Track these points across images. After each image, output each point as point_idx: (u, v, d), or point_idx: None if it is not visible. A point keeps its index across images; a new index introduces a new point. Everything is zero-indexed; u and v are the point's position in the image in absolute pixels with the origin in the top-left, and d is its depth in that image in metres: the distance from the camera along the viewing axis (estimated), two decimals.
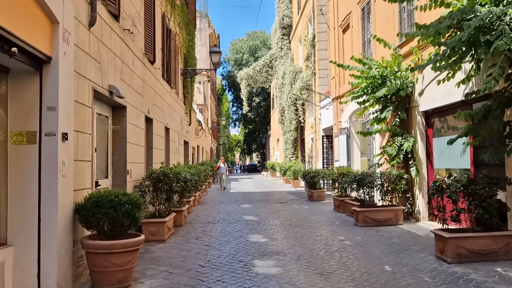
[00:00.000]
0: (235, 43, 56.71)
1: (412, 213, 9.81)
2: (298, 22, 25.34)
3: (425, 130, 9.54)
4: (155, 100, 10.17)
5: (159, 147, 10.70)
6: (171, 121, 12.71)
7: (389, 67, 9.79)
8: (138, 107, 8.43)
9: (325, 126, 19.04)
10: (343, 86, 15.72)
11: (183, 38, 15.30)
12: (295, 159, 25.92)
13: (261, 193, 19.67)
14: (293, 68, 24.89)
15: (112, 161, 7.34)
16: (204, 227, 9.55)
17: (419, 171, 9.46)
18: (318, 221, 10.15)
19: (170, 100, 12.57)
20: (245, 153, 72.58)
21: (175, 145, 13.71)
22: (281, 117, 28.30)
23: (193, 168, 13.86)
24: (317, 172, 15.07)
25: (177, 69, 14.02)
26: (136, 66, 8.28)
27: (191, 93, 17.67)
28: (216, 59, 15.27)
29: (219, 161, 26.56)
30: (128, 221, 4.88)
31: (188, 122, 17.63)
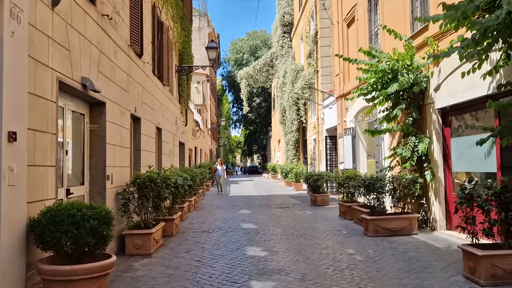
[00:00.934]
0: (235, 43, 55.83)
1: (427, 221, 8.88)
2: (300, 19, 24.45)
3: (442, 130, 8.61)
4: (143, 97, 9.26)
5: (149, 149, 9.79)
6: (163, 120, 11.81)
7: (401, 60, 8.87)
8: (122, 104, 7.52)
9: (328, 126, 18.12)
10: (348, 83, 14.81)
11: (178, 33, 14.41)
12: (296, 161, 25.00)
13: (262, 197, 18.75)
14: (294, 67, 23.99)
15: (90, 165, 6.43)
16: (197, 237, 8.63)
17: (435, 174, 8.53)
18: (324, 230, 9.22)
19: (162, 98, 11.67)
20: (245, 155, 71.58)
21: (169, 147, 12.81)
22: (282, 118, 27.38)
23: (188, 171, 12.99)
24: (321, 175, 14.14)
25: (170, 65, 13.12)
26: (119, 58, 7.38)
27: (187, 92, 16.77)
28: (213, 55, 14.37)
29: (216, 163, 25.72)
30: (93, 240, 3.97)
31: (184, 122, 16.73)
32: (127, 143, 7.85)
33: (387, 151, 11.19)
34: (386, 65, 8.85)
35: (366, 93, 9.35)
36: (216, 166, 20.97)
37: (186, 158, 17.15)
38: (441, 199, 8.50)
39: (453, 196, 8.34)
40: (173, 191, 8.60)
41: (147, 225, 7.24)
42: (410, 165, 8.65)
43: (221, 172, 20.62)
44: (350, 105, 14.66)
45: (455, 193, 8.25)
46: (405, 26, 9.97)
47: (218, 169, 20.61)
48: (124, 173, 7.61)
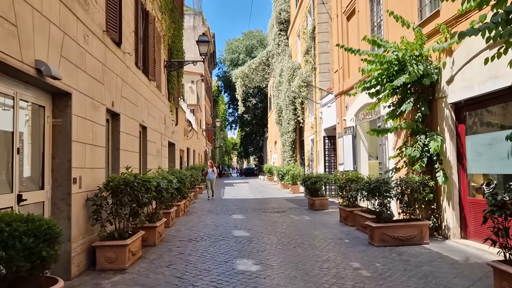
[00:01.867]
0: (231, 43, 54.92)
1: (438, 228, 7.99)
2: (297, 16, 23.59)
3: (455, 127, 7.73)
4: (124, 91, 8.34)
5: (130, 149, 8.85)
6: (149, 118, 10.88)
7: (410, 49, 7.99)
8: (95, 96, 6.60)
9: (327, 126, 17.24)
10: (348, 79, 13.94)
11: (167, 26, 13.50)
12: (293, 163, 24.09)
13: (257, 200, 17.82)
14: (291, 65, 23.11)
15: (52, 166, 5.50)
16: (182, 247, 7.70)
17: (448, 176, 7.64)
18: (323, 238, 8.31)
19: (147, 93, 10.74)
20: (241, 156, 70.58)
21: (156, 147, 11.87)
22: (278, 118, 26.50)
23: (177, 173, 12.08)
24: (319, 178, 13.24)
25: (158, 59, 12.20)
26: (91, 44, 6.45)
27: (177, 89, 15.84)
28: (204, 49, 13.45)
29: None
30: (28, 263, 3.04)
31: (175, 121, 15.80)
32: (101, 141, 6.92)
33: (391, 151, 10.32)
34: (393, 55, 7.97)
35: (370, 87, 8.48)
36: (207, 168, 18.48)
37: (176, 159, 16.21)
38: (455, 204, 7.61)
39: (468, 201, 7.45)
40: (155, 196, 7.67)
41: (122, 235, 6.30)
42: (420, 166, 7.75)
43: (212, 176, 18.31)
44: (350, 102, 13.79)
45: (471, 198, 7.38)
46: (412, 14, 9.10)
47: (209, 172, 18.20)
48: (98, 175, 6.67)
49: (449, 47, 7.61)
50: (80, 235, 5.85)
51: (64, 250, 5.40)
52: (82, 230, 5.96)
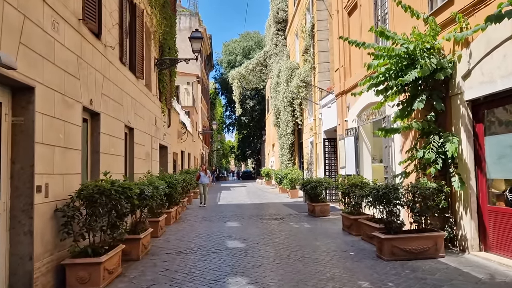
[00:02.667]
0: (228, 45, 54.19)
1: (454, 239, 7.21)
2: (295, 14, 22.87)
3: (472, 126, 6.96)
4: (105, 88, 7.55)
5: (113, 152, 8.05)
6: (136, 119, 10.10)
7: (421, 42, 7.23)
8: (68, 92, 5.81)
9: (327, 127, 16.47)
10: (350, 78, 13.19)
11: (158, 21, 12.72)
12: (292, 166, 23.31)
13: (254, 205, 17.02)
14: (289, 65, 22.36)
15: (11, 172, 4.70)
16: (169, 261, 6.90)
17: (465, 182, 6.86)
18: (326, 250, 7.51)
19: (135, 92, 9.95)
20: (239, 160, 69.71)
21: (145, 150, 11.08)
22: (276, 120, 25.72)
23: (167, 178, 11.31)
24: (320, 182, 12.45)
25: (147, 56, 11.42)
26: (62, 33, 5.66)
27: (170, 89, 15.05)
28: (197, 46, 12.67)
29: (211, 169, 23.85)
30: None
31: (167, 123, 15.00)
32: (76, 143, 6.12)
33: (398, 154, 9.54)
34: (403, 48, 7.21)
35: (378, 83, 7.70)
36: (199, 172, 16.70)
37: (169, 163, 15.41)
38: (473, 212, 6.83)
39: (488, 209, 6.68)
40: (138, 204, 6.88)
41: (97, 250, 5.50)
42: (435, 170, 6.97)
43: (205, 180, 16.55)
44: (352, 102, 13.03)
45: (491, 205, 6.60)
46: (422, 4, 8.34)
47: (202, 176, 16.46)
48: (71, 182, 5.87)
49: (466, 39, 6.85)
50: (46, 252, 5.04)
51: (25, 270, 4.61)
52: (49, 246, 5.15)
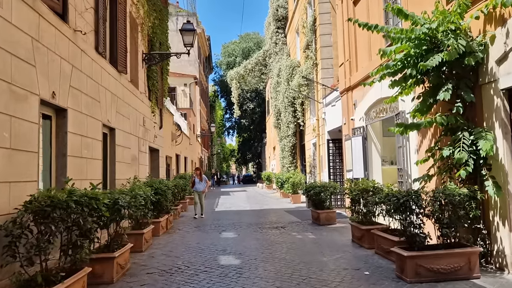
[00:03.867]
0: (227, 46, 53.19)
1: (488, 255, 6.06)
2: (295, 10, 21.80)
3: (510, 120, 5.82)
4: (74, 80, 6.45)
5: (87, 155, 6.94)
6: (119, 118, 8.99)
7: (446, 21, 6.11)
8: (17, 81, 4.71)
9: (331, 127, 15.34)
10: (356, 73, 12.07)
11: (145, 12, 11.64)
12: (293, 169, 22.14)
13: (254, 212, 15.87)
14: (289, 63, 21.27)
15: None
16: (149, 285, 5.76)
17: (501, 186, 5.73)
18: (335, 269, 6.36)
19: (116, 88, 8.85)
20: (240, 163, 68.49)
21: (130, 153, 9.96)
22: (276, 121, 24.59)
23: (156, 184, 10.20)
24: (324, 187, 11.31)
25: (133, 50, 10.35)
26: (7, 7, 4.56)
27: (161, 87, 13.95)
28: (189, 39, 11.57)
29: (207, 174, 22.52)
30: None
31: (158, 124, 13.89)
32: (30, 144, 5.01)
33: (414, 154, 8.41)
34: (424, 29, 6.09)
35: (395, 72, 6.59)
36: (194, 178, 14.25)
37: (161, 167, 14.28)
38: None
39: None
40: (111, 217, 5.76)
41: (48, 278, 4.36)
42: (466, 172, 5.82)
43: (200, 187, 14.04)
44: (359, 99, 11.91)
45: None
46: None
47: (197, 183, 13.98)
48: (22, 192, 4.75)
49: (501, 15, 5.73)
50: None
51: None
52: None
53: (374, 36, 10.76)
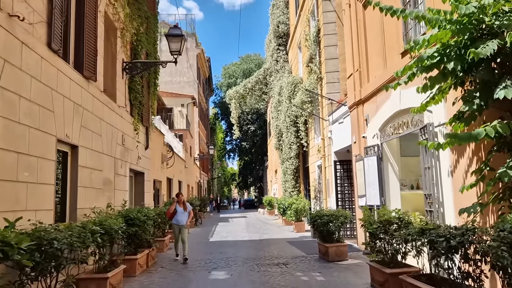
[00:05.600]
0: (228, 68, 52.19)
1: None
2: (297, 24, 20.52)
3: None
4: (8, 80, 4.88)
5: (28, 179, 5.31)
6: (86, 134, 7.40)
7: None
8: None
9: (338, 147, 13.71)
10: (367, 84, 10.55)
11: (127, 16, 10.22)
12: (296, 194, 20.36)
13: (252, 243, 14.08)
14: (291, 79, 19.81)
15: None
16: None
17: None
18: None
19: (82, 97, 7.30)
20: (241, 188, 66.48)
21: (101, 176, 8.33)
22: (278, 142, 22.98)
23: (134, 213, 8.57)
24: (334, 216, 9.61)
25: (108, 55, 8.89)
26: None
27: (147, 102, 12.42)
28: (175, 46, 10.08)
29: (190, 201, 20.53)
30: None
31: (144, 144, 12.29)
32: None
33: (447, 177, 6.75)
34: (472, 8, 4.55)
35: (431, 67, 5.01)
36: (174, 206, 10.68)
37: (147, 192, 12.60)
38: None
39: None
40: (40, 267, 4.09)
41: None
42: None
43: (182, 219, 10.53)
44: (371, 113, 10.33)
45: None
46: None
47: (178, 213, 10.54)
48: None
49: None
50: None
51: None
52: None
53: (390, 40, 9.28)
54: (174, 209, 10.60)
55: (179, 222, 10.50)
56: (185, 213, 10.66)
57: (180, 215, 10.59)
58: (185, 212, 10.67)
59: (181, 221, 10.50)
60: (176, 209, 10.63)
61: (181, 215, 10.59)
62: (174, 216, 10.56)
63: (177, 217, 10.55)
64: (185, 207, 10.77)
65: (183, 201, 10.86)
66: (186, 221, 10.58)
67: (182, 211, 10.66)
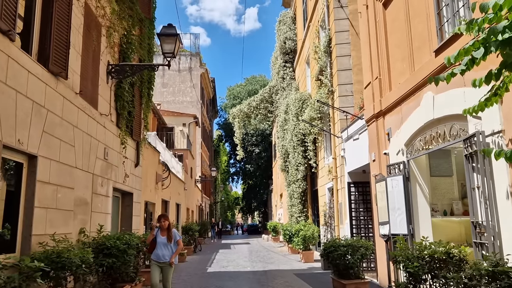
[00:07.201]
0: (233, 89, 51.24)
1: None
2: (305, 39, 19.36)
3: None
4: None
5: None
6: (50, 142, 6.00)
7: None
8: None
9: (352, 168, 12.20)
10: (390, 93, 9.15)
11: (115, 13, 8.98)
12: (304, 220, 18.69)
13: (255, 275, 12.43)
14: (299, 96, 18.49)
15: None
16: None
17: None
18: None
19: (46, 96, 5.93)
20: (245, 212, 64.47)
21: (72, 195, 6.86)
22: (284, 164, 21.46)
23: (111, 241, 7.07)
24: (353, 246, 8.04)
25: (89, 53, 7.59)
26: None
27: (138, 114, 11.06)
28: (169, 47, 8.77)
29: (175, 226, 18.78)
30: None
31: (134, 160, 10.87)
32: None
33: (507, 199, 5.24)
34: None
35: (506, 42, 3.59)
36: (156, 232, 7.39)
37: (136, 216, 11.08)
38: None
39: None
40: None
41: None
42: None
43: (165, 253, 7.23)
44: (394, 126, 8.88)
45: None
46: None
47: (159, 244, 7.26)
48: None
49: None
50: None
51: None
52: None
53: (418, 38, 7.91)
54: (153, 239, 7.35)
55: (160, 258, 7.18)
56: (169, 245, 7.28)
57: (162, 247, 7.23)
58: (169, 244, 7.29)
59: (162, 256, 7.18)
60: (156, 239, 7.30)
61: (163, 248, 7.23)
62: (154, 248, 7.30)
63: (158, 251, 7.23)
64: (170, 236, 7.32)
65: (167, 227, 7.38)
66: (171, 257, 7.24)
67: (165, 242, 7.25)
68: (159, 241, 7.28)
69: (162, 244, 7.25)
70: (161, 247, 7.23)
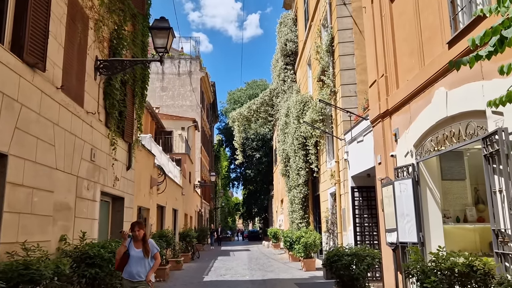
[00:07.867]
0: (233, 93, 50.73)
1: None
2: (307, 39, 18.83)
3: None
4: None
5: None
6: (24, 140, 5.42)
7: None
8: None
9: (356, 171, 11.60)
10: (397, 91, 8.56)
11: (104, 5, 8.44)
12: (305, 226, 18.03)
13: (254, 284, 11.79)
14: (300, 98, 17.92)
15: None
16: None
17: None
18: None
19: (19, 89, 5.36)
20: (245, 218, 63.67)
21: (51, 200, 6.27)
22: (284, 168, 20.84)
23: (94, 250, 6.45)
24: (358, 255, 7.42)
25: (71, 45, 7.03)
26: None
27: (131, 114, 10.49)
28: (161, 41, 8.21)
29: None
30: None
31: (125, 163, 10.28)
32: None
33: None
34: None
35: None
36: (128, 243, 5.91)
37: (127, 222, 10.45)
38: None
39: None
40: None
41: None
42: None
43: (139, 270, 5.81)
44: (402, 126, 8.28)
45: None
46: None
47: (132, 260, 5.79)
48: None
49: None
50: None
51: None
52: None
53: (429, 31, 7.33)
54: (125, 252, 5.90)
55: (134, 276, 5.78)
56: (145, 260, 5.89)
57: (135, 263, 5.83)
58: (145, 259, 5.89)
59: (137, 274, 5.79)
60: (129, 251, 5.88)
61: (137, 264, 5.83)
62: (127, 264, 5.86)
63: (131, 267, 5.82)
64: (147, 249, 5.91)
65: (143, 237, 5.98)
66: (147, 275, 5.88)
67: (141, 256, 5.87)
68: (133, 254, 5.85)
69: (137, 258, 5.84)
70: (135, 263, 5.83)
